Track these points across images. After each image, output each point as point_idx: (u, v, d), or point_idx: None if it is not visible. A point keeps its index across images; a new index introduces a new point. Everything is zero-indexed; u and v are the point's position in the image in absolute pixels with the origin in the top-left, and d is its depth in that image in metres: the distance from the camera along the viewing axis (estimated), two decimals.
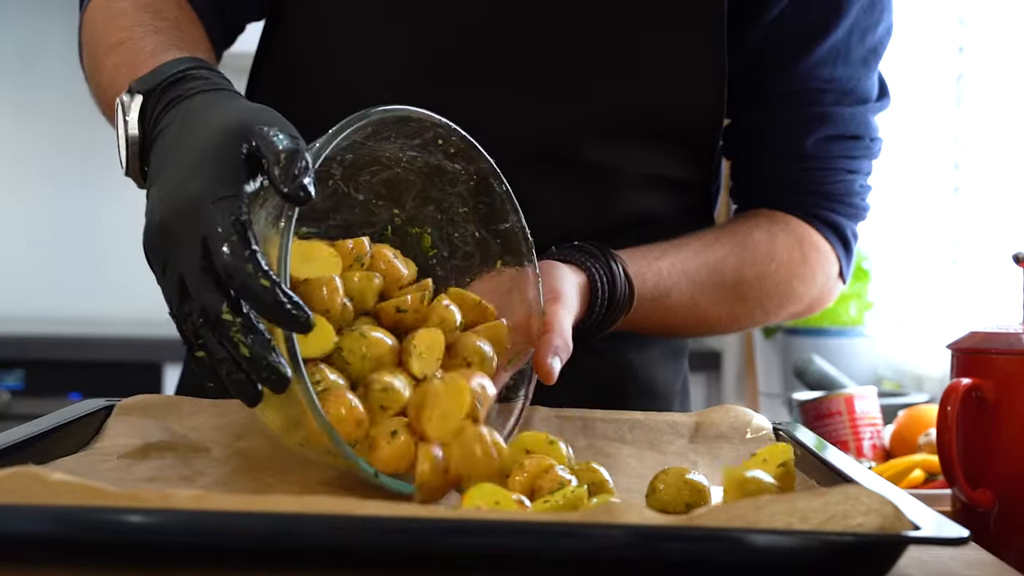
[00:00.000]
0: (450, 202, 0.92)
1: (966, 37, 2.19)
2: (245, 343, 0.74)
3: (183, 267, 0.76)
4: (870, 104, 1.20)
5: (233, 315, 0.74)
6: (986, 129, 2.13)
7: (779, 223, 1.18)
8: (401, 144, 0.88)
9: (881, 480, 0.81)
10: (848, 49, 1.16)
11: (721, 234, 1.16)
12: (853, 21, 1.15)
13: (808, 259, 1.18)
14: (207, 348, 0.76)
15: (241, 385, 0.75)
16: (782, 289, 1.18)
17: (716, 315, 1.16)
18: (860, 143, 1.20)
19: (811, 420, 1.60)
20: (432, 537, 0.64)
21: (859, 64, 1.17)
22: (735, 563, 0.65)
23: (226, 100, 0.86)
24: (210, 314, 0.75)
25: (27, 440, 0.85)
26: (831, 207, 1.19)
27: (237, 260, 0.74)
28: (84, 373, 2.93)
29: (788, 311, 1.21)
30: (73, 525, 0.64)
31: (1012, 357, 0.93)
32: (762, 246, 1.16)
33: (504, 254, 0.93)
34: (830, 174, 1.19)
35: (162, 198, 0.79)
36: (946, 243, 2.25)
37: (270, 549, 0.65)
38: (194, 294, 0.76)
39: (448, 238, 0.94)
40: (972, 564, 0.71)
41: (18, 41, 3.54)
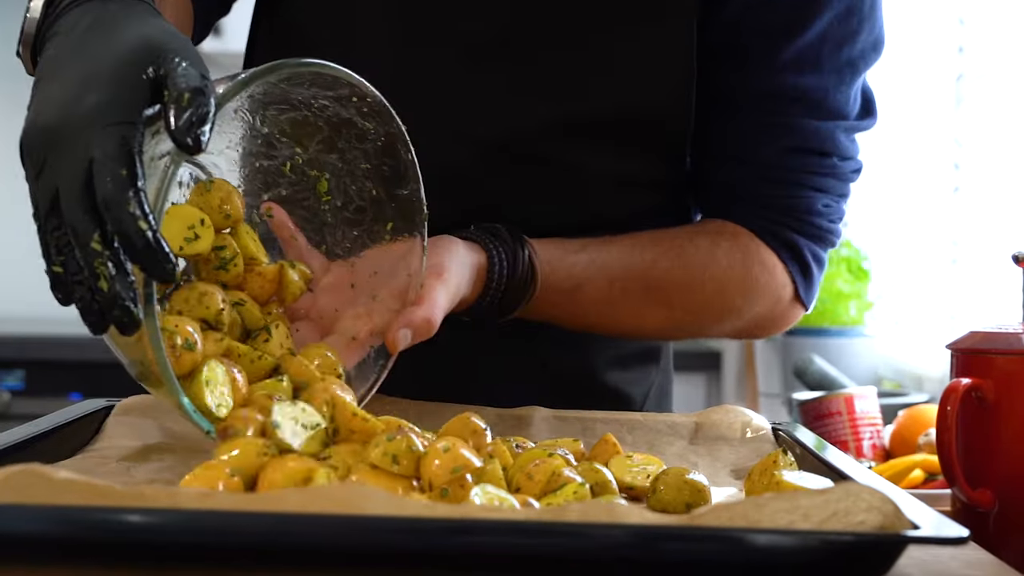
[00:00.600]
0: (354, 155, 0.93)
1: (966, 37, 2.19)
2: (107, 278, 0.73)
3: (61, 181, 0.74)
4: (843, 121, 1.13)
5: (102, 246, 0.73)
6: (986, 129, 2.13)
7: (727, 234, 1.13)
8: (315, 92, 0.88)
9: (881, 480, 0.81)
10: (819, 57, 1.09)
11: (660, 237, 1.11)
12: (825, 28, 1.09)
13: (751, 274, 1.12)
14: (66, 266, 0.74)
15: (89, 311, 0.74)
16: (717, 301, 1.13)
17: (637, 317, 1.12)
18: (826, 160, 1.13)
19: (811, 420, 1.60)
20: (432, 537, 0.64)
21: (831, 75, 1.10)
22: (735, 563, 0.65)
23: (142, 15, 0.82)
24: (80, 238, 0.73)
25: (27, 440, 0.85)
26: (788, 224, 1.13)
27: (119, 195, 0.72)
28: (84, 373, 2.93)
29: (728, 325, 1.17)
30: (76, 525, 0.64)
31: (1012, 357, 0.93)
32: (700, 255, 1.11)
33: (397, 219, 0.94)
34: (790, 188, 1.13)
35: (54, 101, 0.76)
36: (946, 243, 2.25)
37: (272, 549, 0.65)
38: (66, 214, 0.74)
39: (345, 188, 0.95)
40: (972, 564, 0.72)
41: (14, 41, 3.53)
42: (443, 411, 1.01)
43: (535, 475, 0.81)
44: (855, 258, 2.40)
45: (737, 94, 1.12)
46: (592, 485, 0.82)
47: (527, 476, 0.81)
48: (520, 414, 1.03)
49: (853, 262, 2.40)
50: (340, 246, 0.96)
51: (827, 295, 2.36)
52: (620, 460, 0.89)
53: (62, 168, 0.74)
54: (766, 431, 1.00)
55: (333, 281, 0.96)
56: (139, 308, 0.73)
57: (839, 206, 1.16)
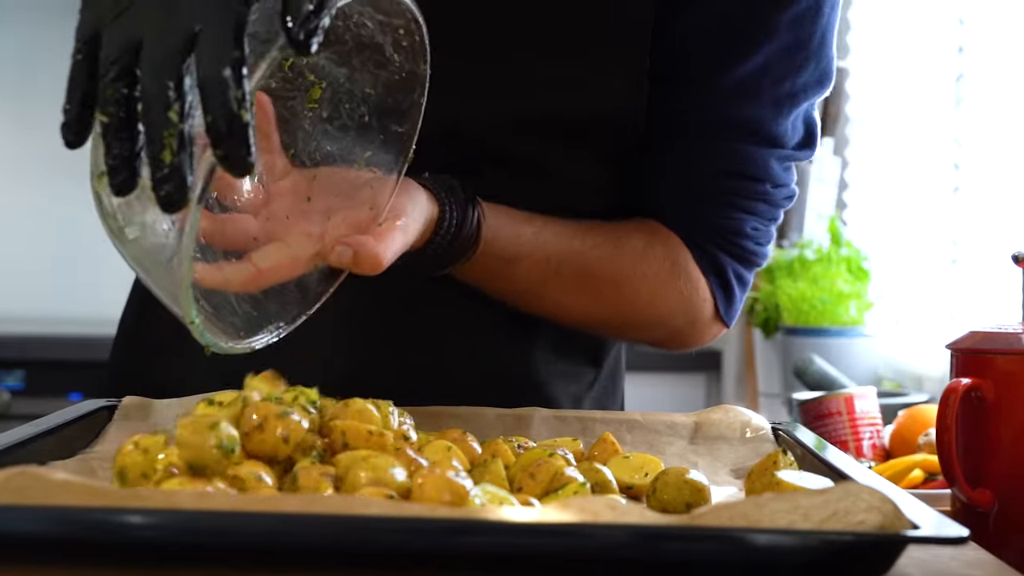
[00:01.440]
0: (364, 77, 0.90)
1: (966, 37, 2.19)
2: (173, 150, 0.70)
3: (150, 36, 0.70)
4: (779, 150, 1.14)
5: (178, 119, 0.70)
6: (986, 129, 2.13)
7: (660, 237, 1.14)
8: (366, 9, 0.85)
9: (881, 480, 0.81)
10: (759, 88, 1.11)
11: (600, 227, 1.12)
12: (767, 60, 1.10)
13: (676, 284, 1.14)
14: (113, 117, 0.71)
15: (123, 169, 0.72)
16: (641, 303, 1.14)
17: (563, 301, 1.12)
18: (759, 186, 1.14)
19: (811, 420, 1.60)
20: (432, 537, 0.64)
21: (769, 106, 1.11)
22: (735, 563, 0.65)
23: None
24: (156, 102, 0.69)
25: (27, 440, 0.85)
26: (714, 241, 1.15)
27: (225, 78, 0.68)
28: (84, 373, 2.93)
29: (648, 331, 1.18)
30: (75, 525, 0.64)
31: (1012, 357, 0.93)
32: (635, 252, 1.12)
33: (379, 151, 0.92)
34: (720, 209, 1.14)
35: None
36: (946, 243, 2.25)
37: (271, 549, 0.65)
38: (148, 73, 0.70)
39: (337, 104, 0.92)
40: (972, 564, 0.71)
41: (18, 44, 3.54)
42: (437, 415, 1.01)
43: (537, 475, 0.81)
44: (855, 258, 2.40)
45: (679, 116, 1.13)
46: (592, 485, 0.82)
47: (529, 476, 0.82)
48: (520, 414, 1.03)
49: (853, 262, 2.40)
50: (308, 155, 0.93)
51: (827, 295, 2.36)
52: (619, 460, 0.89)
53: (155, 23, 0.70)
54: (766, 431, 1.00)
55: (290, 186, 0.92)
56: (197, 189, 0.71)
57: (768, 229, 1.18)
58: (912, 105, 2.47)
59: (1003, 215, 2.04)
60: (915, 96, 2.46)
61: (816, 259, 2.43)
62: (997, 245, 2.04)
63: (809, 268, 2.42)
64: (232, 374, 0.88)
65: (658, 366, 3.07)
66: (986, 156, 2.13)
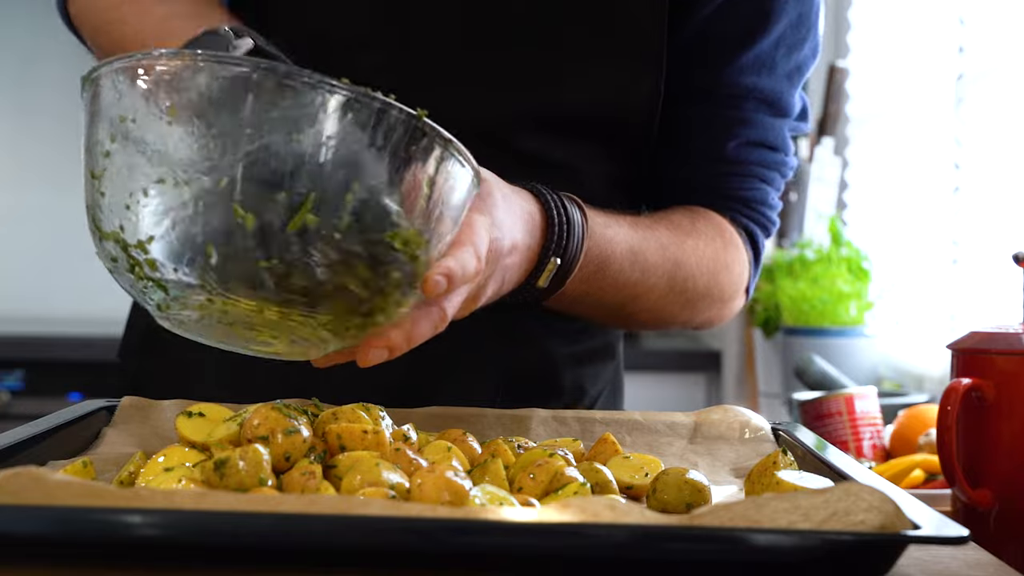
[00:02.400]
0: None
1: (966, 37, 2.19)
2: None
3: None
4: (790, 120, 1.20)
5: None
6: (986, 129, 2.13)
7: (702, 216, 1.17)
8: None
9: (881, 480, 0.81)
10: (774, 62, 1.16)
11: (652, 214, 1.14)
12: (780, 34, 1.15)
13: (729, 256, 1.17)
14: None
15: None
16: (710, 281, 1.15)
17: (647, 299, 1.11)
18: (777, 155, 1.19)
19: (811, 420, 1.60)
20: (433, 537, 0.64)
21: (783, 79, 1.17)
22: (735, 562, 0.65)
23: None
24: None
25: (27, 440, 0.85)
26: (746, 213, 1.19)
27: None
28: (84, 373, 2.93)
29: (704, 313, 1.18)
30: (74, 525, 0.64)
31: (1012, 357, 0.93)
32: (695, 233, 1.14)
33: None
34: (747, 180, 1.19)
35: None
36: (946, 243, 2.25)
37: (271, 549, 0.65)
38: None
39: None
40: (972, 564, 0.71)
41: (18, 42, 3.53)
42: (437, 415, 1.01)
43: (538, 475, 0.81)
44: (855, 258, 2.40)
45: (700, 92, 1.17)
46: (592, 485, 0.82)
47: (529, 476, 0.82)
48: (519, 415, 1.03)
49: (853, 262, 2.40)
50: None
51: (828, 295, 2.35)
52: (619, 460, 0.89)
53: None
54: (766, 431, 1.00)
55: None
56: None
57: (779, 201, 1.23)
58: (912, 105, 2.47)
59: (1003, 215, 2.04)
60: (915, 96, 2.46)
61: (816, 259, 2.43)
62: (997, 245, 2.04)
63: (809, 268, 2.42)
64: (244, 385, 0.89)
65: (658, 366, 3.07)
66: (986, 156, 2.12)
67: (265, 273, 0.74)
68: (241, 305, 0.76)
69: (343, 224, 0.74)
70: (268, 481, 0.76)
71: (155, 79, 0.75)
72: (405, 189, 0.76)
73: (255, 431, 0.80)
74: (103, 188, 0.78)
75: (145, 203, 0.75)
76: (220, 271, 0.75)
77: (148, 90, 0.76)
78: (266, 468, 0.77)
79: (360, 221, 0.74)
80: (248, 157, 0.73)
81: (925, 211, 2.38)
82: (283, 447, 0.80)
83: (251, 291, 0.75)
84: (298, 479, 0.77)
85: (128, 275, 0.78)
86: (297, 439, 0.80)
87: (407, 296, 0.79)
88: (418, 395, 1.06)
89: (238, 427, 0.83)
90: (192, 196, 0.74)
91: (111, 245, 0.78)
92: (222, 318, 0.78)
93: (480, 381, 1.13)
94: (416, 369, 1.09)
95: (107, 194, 0.77)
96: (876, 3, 2.70)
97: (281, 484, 0.77)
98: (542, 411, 1.03)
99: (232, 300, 0.76)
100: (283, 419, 0.81)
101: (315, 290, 0.75)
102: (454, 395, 1.08)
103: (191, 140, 0.74)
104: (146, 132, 0.75)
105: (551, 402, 1.14)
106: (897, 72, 2.56)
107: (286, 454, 0.80)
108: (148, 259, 0.76)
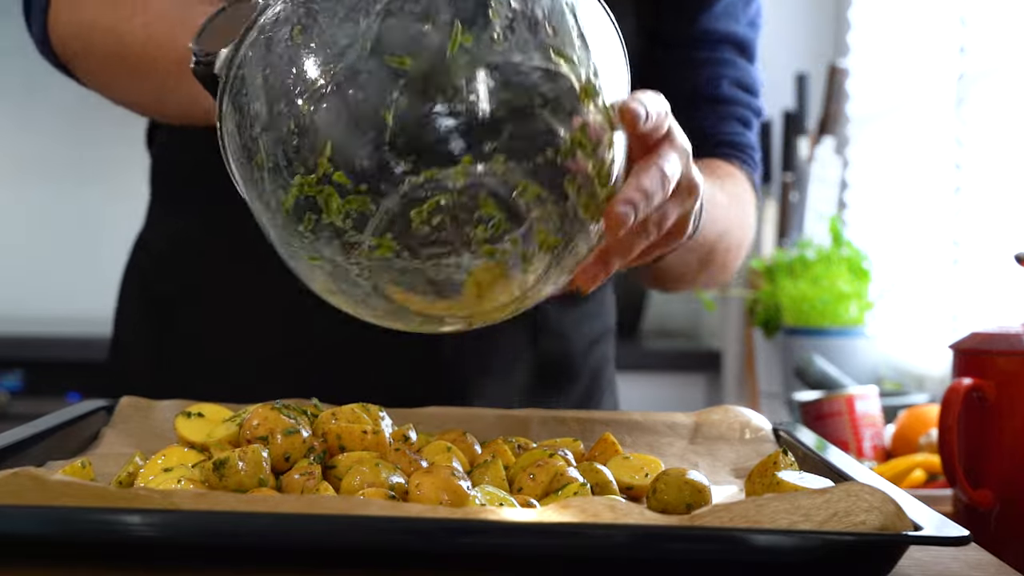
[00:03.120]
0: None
1: (967, 37, 2.19)
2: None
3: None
4: (756, 66, 1.24)
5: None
6: (987, 129, 2.13)
7: (714, 163, 1.17)
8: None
9: (882, 480, 0.81)
10: (738, 11, 1.21)
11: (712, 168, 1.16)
12: None
13: (751, 200, 1.20)
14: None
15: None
16: (747, 224, 1.18)
17: (721, 250, 1.13)
18: (755, 99, 1.23)
19: (812, 420, 1.60)
20: (433, 537, 0.64)
21: (748, 27, 1.22)
22: (736, 563, 0.65)
23: None
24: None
25: (26, 440, 0.85)
26: (743, 159, 1.21)
27: None
28: (83, 373, 2.93)
29: (737, 263, 1.20)
30: (73, 526, 0.64)
31: (1013, 357, 0.93)
32: (728, 179, 1.16)
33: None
34: (736, 124, 1.21)
35: None
36: (947, 243, 2.24)
37: (271, 549, 0.65)
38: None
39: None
40: (972, 565, 0.71)
41: (18, 41, 3.53)
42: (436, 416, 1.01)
43: (538, 476, 0.81)
44: (855, 258, 2.40)
45: (680, 38, 1.20)
46: (592, 485, 0.82)
47: (529, 476, 0.81)
48: (520, 415, 1.02)
49: (853, 262, 2.40)
50: None
51: (828, 295, 2.35)
52: (619, 460, 0.89)
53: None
54: (766, 431, 1.00)
55: None
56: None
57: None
58: (913, 105, 2.47)
59: (1005, 215, 2.04)
60: (916, 96, 2.46)
61: (817, 259, 2.43)
62: (999, 245, 2.03)
63: (810, 268, 2.42)
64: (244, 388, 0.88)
65: (658, 366, 3.07)
66: (988, 156, 2.12)
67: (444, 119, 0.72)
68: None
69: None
70: (268, 482, 0.76)
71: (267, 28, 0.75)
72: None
73: (254, 431, 0.80)
74: (274, 159, 0.75)
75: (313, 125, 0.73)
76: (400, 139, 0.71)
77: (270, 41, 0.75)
78: (265, 468, 0.76)
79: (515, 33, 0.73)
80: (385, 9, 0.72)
81: (926, 211, 2.38)
82: (282, 447, 0.80)
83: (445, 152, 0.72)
84: (298, 479, 0.77)
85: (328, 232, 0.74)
86: (296, 439, 0.80)
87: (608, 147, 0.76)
88: (461, 395, 1.10)
89: (237, 427, 0.83)
90: (349, 85, 0.72)
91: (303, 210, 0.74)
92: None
93: (510, 376, 1.14)
94: (446, 362, 1.12)
95: (281, 162, 0.74)
96: (876, 3, 2.70)
97: (281, 484, 0.77)
98: (542, 411, 1.03)
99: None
100: (282, 419, 0.81)
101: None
102: (488, 395, 1.11)
103: (325, 36, 0.73)
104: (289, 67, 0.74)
105: (574, 387, 1.15)
106: (897, 72, 2.56)
107: (285, 454, 0.80)
108: (336, 177, 0.73)
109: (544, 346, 1.18)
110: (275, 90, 0.74)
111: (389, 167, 0.72)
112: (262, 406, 0.82)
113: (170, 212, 1.20)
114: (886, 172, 2.61)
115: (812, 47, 2.97)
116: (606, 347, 1.26)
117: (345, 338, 1.10)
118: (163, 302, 1.17)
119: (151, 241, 1.22)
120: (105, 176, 3.48)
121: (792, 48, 2.95)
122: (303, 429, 0.81)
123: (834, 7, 2.94)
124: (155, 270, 1.19)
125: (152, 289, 1.19)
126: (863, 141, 2.74)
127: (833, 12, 2.95)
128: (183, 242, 1.17)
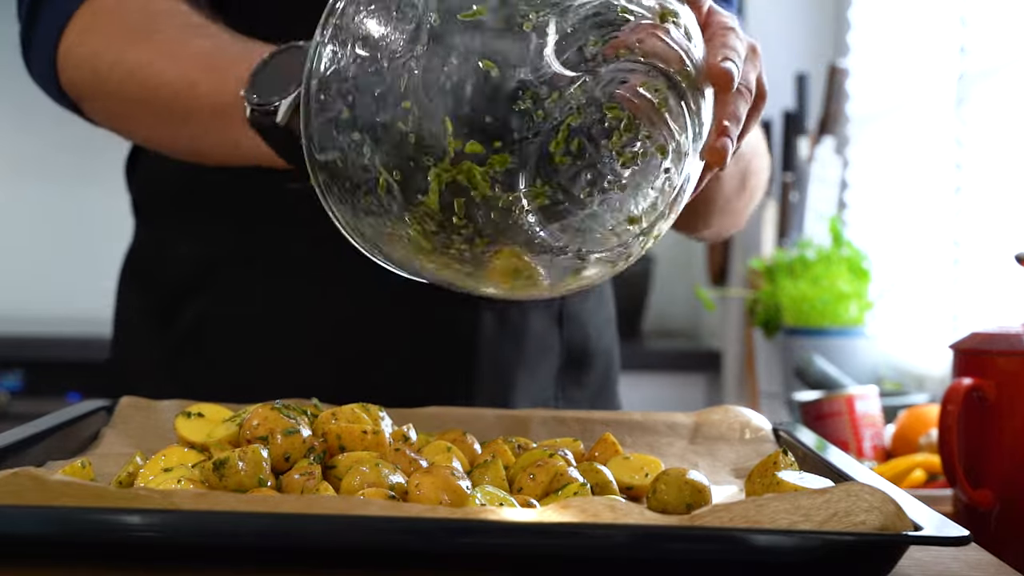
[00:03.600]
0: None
1: (967, 37, 2.19)
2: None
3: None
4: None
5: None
6: (987, 129, 2.13)
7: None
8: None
9: (882, 480, 0.80)
10: None
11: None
12: None
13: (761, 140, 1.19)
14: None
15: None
16: (762, 151, 1.18)
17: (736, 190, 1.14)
18: (732, 7, 1.21)
19: (812, 420, 1.60)
20: (433, 537, 0.64)
21: None
22: (735, 563, 0.64)
23: None
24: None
25: (25, 440, 0.85)
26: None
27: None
28: (83, 373, 2.93)
29: (762, 189, 1.21)
30: (73, 526, 0.64)
31: (1013, 357, 0.93)
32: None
33: None
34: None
35: None
36: (947, 243, 2.24)
37: (271, 549, 0.65)
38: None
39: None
40: (973, 565, 0.71)
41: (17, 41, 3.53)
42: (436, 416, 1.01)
43: (538, 476, 0.81)
44: (855, 258, 2.40)
45: None
46: (592, 485, 0.82)
47: (529, 476, 0.81)
48: (520, 415, 1.02)
49: (853, 262, 2.40)
50: None
51: (828, 295, 2.35)
52: (619, 460, 0.89)
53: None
54: (766, 431, 1.00)
55: None
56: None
57: None
58: (913, 105, 2.47)
59: (1005, 215, 2.04)
60: (916, 96, 2.46)
61: (817, 259, 2.43)
62: (999, 245, 2.03)
63: (810, 268, 2.42)
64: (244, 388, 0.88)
65: (658, 366, 3.07)
66: (988, 156, 2.12)
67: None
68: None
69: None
70: (267, 481, 0.76)
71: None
72: None
73: (254, 431, 0.80)
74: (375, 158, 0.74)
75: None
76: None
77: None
78: (265, 468, 0.76)
79: None
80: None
81: (926, 211, 2.38)
82: (282, 447, 0.80)
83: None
84: (298, 479, 0.77)
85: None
86: (296, 439, 0.80)
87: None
88: (494, 386, 1.12)
89: (237, 427, 0.83)
90: (437, 60, 0.72)
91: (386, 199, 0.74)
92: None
93: (540, 365, 1.15)
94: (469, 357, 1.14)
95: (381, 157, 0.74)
96: (876, 3, 2.70)
97: (280, 484, 0.77)
98: (543, 411, 1.03)
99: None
100: (282, 419, 0.81)
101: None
102: (520, 385, 1.13)
103: (388, 39, 0.73)
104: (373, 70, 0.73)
105: (593, 372, 1.18)
106: (897, 72, 2.56)
107: (285, 454, 0.80)
108: (468, 148, 0.72)
109: (568, 334, 1.21)
110: (366, 112, 0.73)
111: (511, 113, 0.72)
112: (262, 406, 0.82)
113: (164, 215, 1.20)
114: (886, 172, 2.61)
115: (812, 47, 2.97)
116: (614, 330, 1.30)
117: (346, 338, 1.11)
118: (163, 302, 1.18)
119: (148, 244, 1.22)
120: (105, 176, 3.47)
121: (792, 48, 2.96)
122: (303, 429, 0.81)
123: (834, 7, 2.94)
124: (154, 270, 1.19)
125: (152, 289, 1.19)
126: (863, 141, 2.74)
127: (833, 12, 2.95)
128: (181, 244, 1.17)
